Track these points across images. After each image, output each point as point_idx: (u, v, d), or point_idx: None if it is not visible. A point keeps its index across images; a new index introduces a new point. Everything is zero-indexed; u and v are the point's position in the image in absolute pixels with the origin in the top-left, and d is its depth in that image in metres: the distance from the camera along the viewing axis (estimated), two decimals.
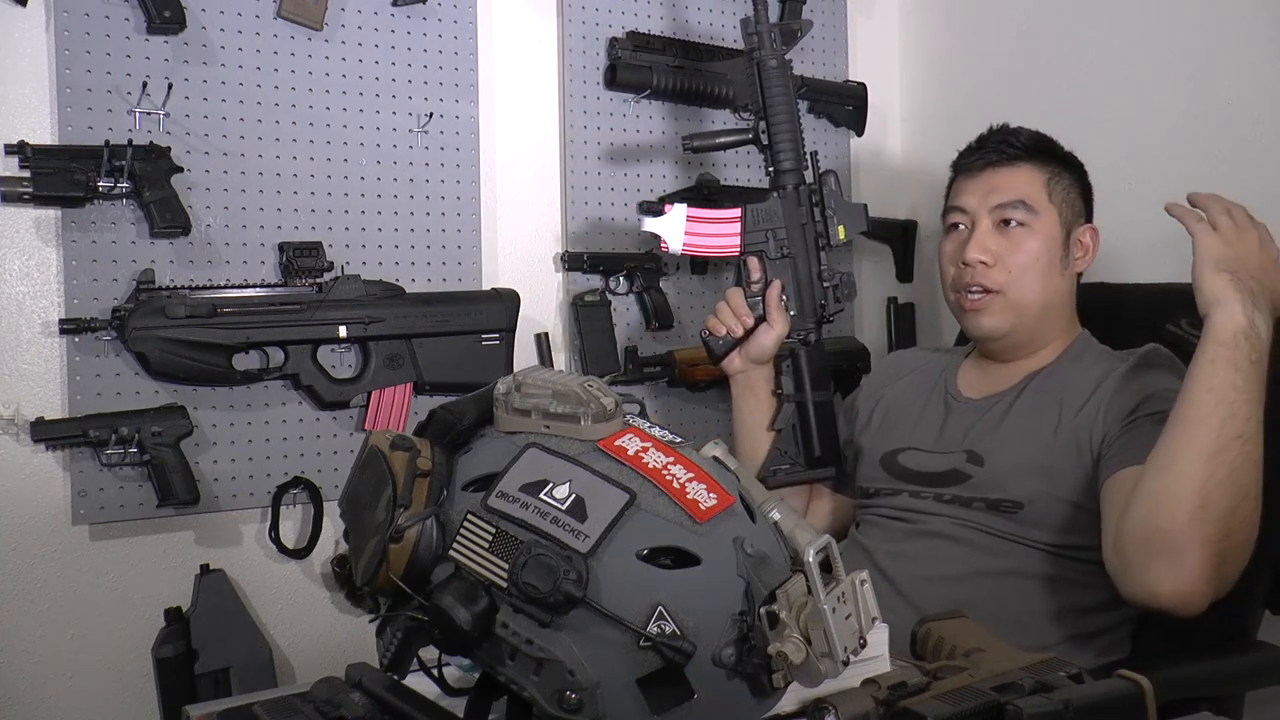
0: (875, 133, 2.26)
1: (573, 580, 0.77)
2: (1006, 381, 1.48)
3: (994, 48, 2.15)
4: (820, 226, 1.57)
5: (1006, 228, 1.45)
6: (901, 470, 1.49)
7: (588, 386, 0.87)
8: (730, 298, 1.56)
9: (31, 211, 1.54)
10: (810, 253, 1.58)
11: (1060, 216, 1.46)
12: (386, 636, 0.87)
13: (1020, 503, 1.35)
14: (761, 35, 1.60)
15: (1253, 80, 1.71)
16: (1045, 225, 1.45)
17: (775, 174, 1.59)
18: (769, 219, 1.56)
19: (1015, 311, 1.44)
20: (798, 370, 1.58)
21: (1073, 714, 0.78)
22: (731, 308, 1.55)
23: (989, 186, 1.47)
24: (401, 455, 0.88)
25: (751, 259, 1.56)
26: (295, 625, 1.75)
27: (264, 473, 1.69)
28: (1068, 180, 1.48)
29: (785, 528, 0.88)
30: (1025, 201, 1.44)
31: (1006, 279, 1.43)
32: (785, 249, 1.56)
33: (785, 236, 1.56)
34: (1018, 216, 1.44)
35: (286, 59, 1.71)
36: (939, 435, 1.49)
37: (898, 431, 1.54)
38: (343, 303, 1.68)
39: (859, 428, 1.63)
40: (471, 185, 1.86)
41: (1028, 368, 1.48)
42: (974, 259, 1.44)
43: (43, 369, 1.56)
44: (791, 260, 1.57)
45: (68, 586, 1.59)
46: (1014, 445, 1.40)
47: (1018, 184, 1.46)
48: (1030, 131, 1.51)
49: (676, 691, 0.80)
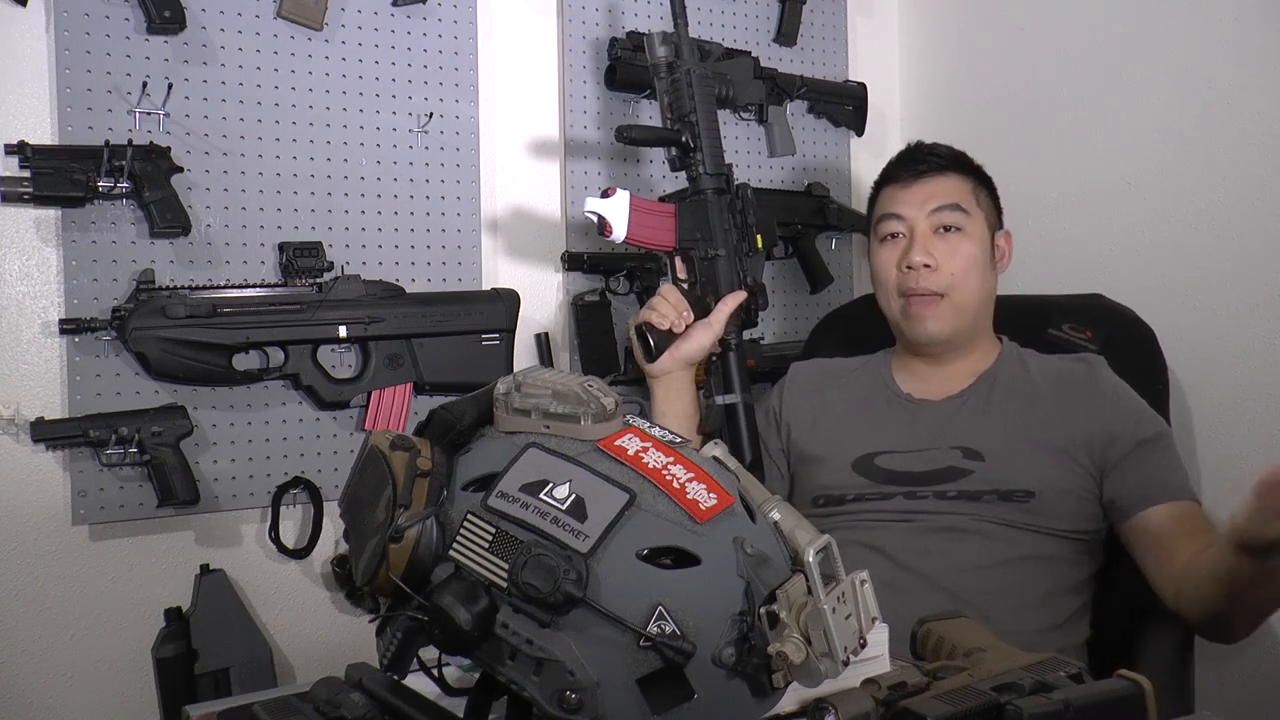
0: (875, 133, 2.26)
1: (573, 580, 0.77)
2: (958, 382, 1.55)
3: (994, 48, 2.15)
4: (739, 234, 1.59)
5: (945, 233, 1.53)
6: (883, 473, 1.50)
7: (588, 386, 0.87)
8: (669, 293, 1.54)
9: (31, 211, 1.54)
10: (734, 258, 1.58)
11: (986, 220, 1.56)
12: (386, 636, 0.87)
13: (1031, 492, 1.43)
14: (680, 45, 1.60)
15: (1255, 78, 1.71)
16: (977, 228, 1.54)
17: (699, 176, 1.58)
18: (698, 220, 1.57)
19: (958, 313, 1.52)
20: (728, 373, 1.57)
21: (1073, 714, 0.78)
22: (672, 303, 1.52)
23: (924, 195, 1.54)
24: (401, 455, 0.88)
25: (678, 259, 1.57)
26: (295, 625, 1.75)
27: (264, 473, 1.69)
28: (986, 189, 1.59)
29: (785, 528, 0.88)
30: (960, 204, 1.53)
31: (949, 281, 1.51)
32: (710, 251, 1.56)
33: (712, 238, 1.57)
34: (955, 220, 1.53)
35: (286, 59, 1.71)
36: (910, 436, 1.52)
37: (859, 437, 1.55)
38: (343, 303, 1.68)
39: (797, 436, 1.62)
40: (471, 185, 1.86)
41: (971, 369, 1.56)
42: (919, 263, 1.51)
43: (43, 369, 1.56)
44: (717, 262, 1.57)
45: (68, 586, 1.58)
46: (1014, 439, 1.46)
47: (950, 190, 1.55)
48: (945, 146, 1.61)
49: (676, 691, 0.80)
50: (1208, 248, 1.77)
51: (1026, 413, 1.49)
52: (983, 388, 1.54)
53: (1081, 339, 1.64)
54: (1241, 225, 1.73)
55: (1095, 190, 1.94)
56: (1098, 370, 1.52)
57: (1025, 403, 1.50)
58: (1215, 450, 1.72)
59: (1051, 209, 1.98)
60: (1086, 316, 1.68)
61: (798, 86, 2.13)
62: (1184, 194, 1.80)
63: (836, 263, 2.21)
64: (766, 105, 2.09)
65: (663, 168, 2.00)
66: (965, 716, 0.78)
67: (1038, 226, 1.97)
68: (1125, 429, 1.44)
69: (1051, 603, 1.42)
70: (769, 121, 2.10)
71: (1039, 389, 1.51)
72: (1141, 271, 1.84)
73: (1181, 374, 1.73)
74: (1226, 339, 1.73)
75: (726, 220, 1.58)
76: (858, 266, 2.24)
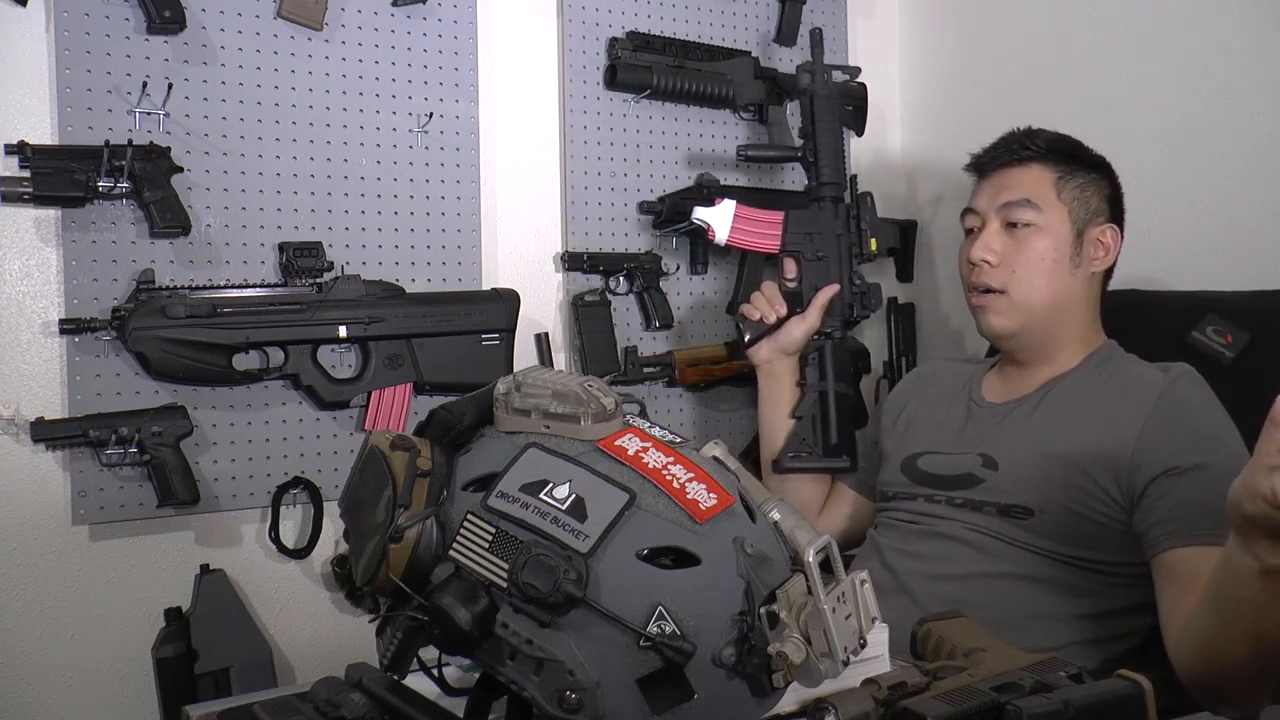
0: (875, 133, 2.26)
1: (573, 580, 0.77)
2: (1027, 387, 1.48)
3: (994, 47, 2.15)
4: (855, 238, 1.74)
5: (1014, 229, 1.46)
6: (919, 474, 1.50)
7: (588, 386, 0.87)
8: (766, 289, 1.71)
9: (31, 211, 1.54)
10: (844, 261, 1.73)
11: (1071, 215, 1.46)
12: (386, 636, 0.87)
13: (1031, 510, 1.36)
14: (815, 73, 1.80)
15: (1264, 76, 1.71)
16: (1053, 224, 1.45)
17: (817, 186, 1.76)
18: (809, 224, 1.73)
19: (1021, 311, 1.45)
20: (823, 363, 1.70)
21: (1073, 714, 0.78)
22: (766, 297, 1.69)
23: (997, 187, 1.49)
24: (401, 455, 0.88)
25: (788, 259, 1.72)
26: (295, 625, 1.75)
27: (264, 473, 1.69)
28: (1083, 179, 1.48)
29: (785, 528, 0.88)
30: (1030, 200, 1.45)
31: (1010, 278, 1.45)
32: (820, 253, 1.71)
33: (822, 243, 1.72)
34: (1024, 216, 1.45)
35: (286, 59, 1.71)
36: (957, 438, 1.50)
37: (920, 436, 1.55)
38: (343, 303, 1.68)
39: (884, 433, 1.64)
40: (471, 185, 1.86)
41: (1048, 373, 1.48)
42: (978, 258, 1.47)
43: (43, 369, 1.56)
44: (825, 264, 1.72)
45: (68, 586, 1.58)
46: (1031, 452, 1.39)
47: (1024, 183, 1.47)
48: (1051, 133, 1.51)
49: (676, 691, 0.80)
50: None
51: (1056, 425, 1.40)
52: (1039, 395, 1.45)
53: (1220, 344, 1.47)
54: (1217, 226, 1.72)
55: None
56: (1169, 384, 1.35)
57: (1071, 417, 1.40)
58: None
59: None
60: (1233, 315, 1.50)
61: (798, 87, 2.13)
62: (1189, 195, 1.80)
63: None
64: (766, 105, 2.09)
65: (664, 168, 2.01)
66: (965, 716, 0.78)
67: None
68: (1158, 453, 1.29)
69: (1030, 627, 1.30)
70: (769, 122, 2.10)
71: (1090, 400, 1.40)
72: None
73: None
74: None
75: (839, 226, 1.74)
76: None
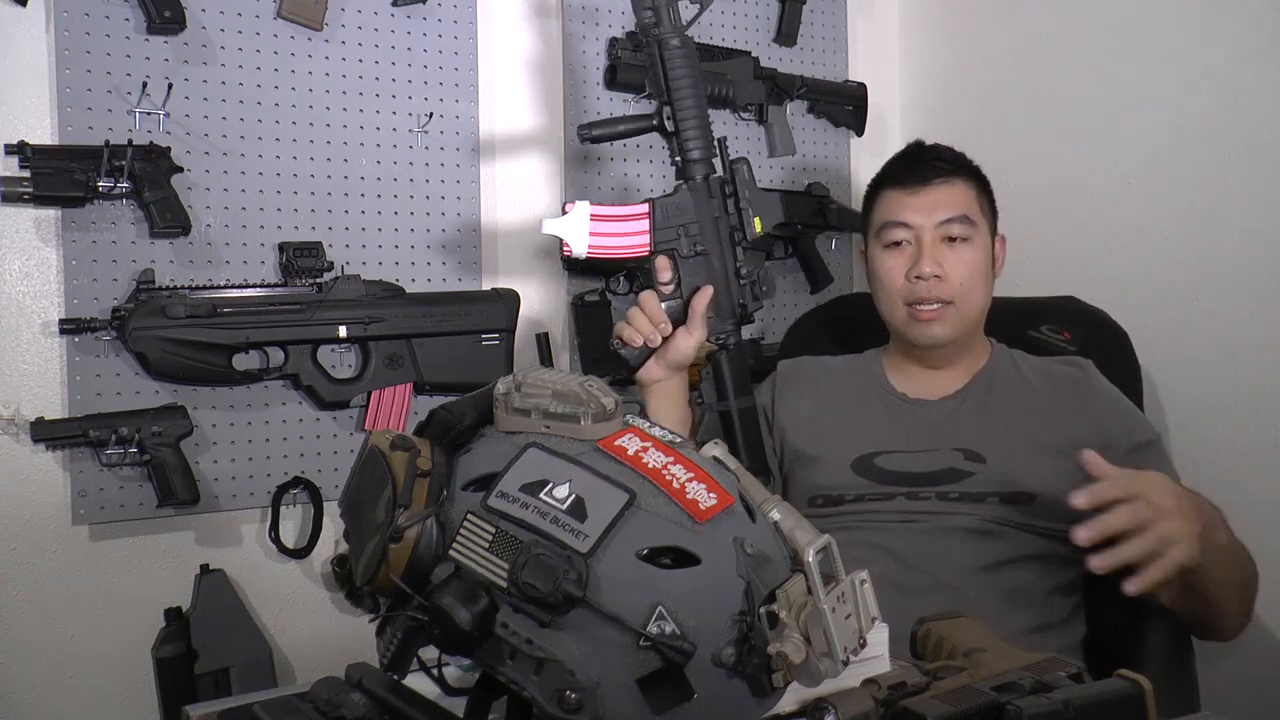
0: (875, 133, 2.26)
1: (573, 580, 0.77)
2: (953, 383, 1.55)
3: (994, 48, 2.15)
4: (735, 220, 1.41)
5: (952, 243, 1.51)
6: (885, 474, 1.50)
7: (588, 386, 0.87)
8: (645, 304, 1.40)
9: (31, 211, 1.54)
10: (725, 249, 1.41)
11: (989, 228, 1.56)
12: (386, 636, 0.87)
13: (1033, 494, 1.43)
14: (659, 9, 1.39)
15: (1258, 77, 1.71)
16: (981, 237, 1.54)
17: (683, 164, 1.41)
18: (679, 213, 1.39)
19: (963, 320, 1.52)
20: (719, 377, 1.44)
21: (1073, 714, 0.78)
22: (648, 314, 1.39)
23: (932, 203, 1.52)
24: (401, 455, 0.87)
25: (660, 258, 1.40)
26: (295, 625, 1.75)
27: (264, 473, 1.69)
28: (988, 194, 1.58)
29: (785, 528, 0.88)
30: (968, 215, 1.52)
31: (957, 290, 1.50)
32: (698, 246, 1.39)
33: (698, 232, 1.39)
34: (963, 232, 1.51)
35: (286, 59, 1.71)
36: (909, 437, 1.52)
37: (857, 436, 1.54)
38: (343, 303, 1.68)
39: (792, 435, 1.60)
40: (471, 185, 1.86)
41: (966, 369, 1.56)
42: (929, 274, 1.50)
43: (43, 369, 1.56)
44: (706, 258, 1.40)
45: (68, 586, 1.59)
46: (1014, 442, 1.47)
47: (957, 199, 1.53)
48: (948, 148, 1.59)
49: (676, 691, 0.80)
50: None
51: (1025, 414, 1.50)
52: (979, 388, 1.54)
53: (1061, 340, 1.66)
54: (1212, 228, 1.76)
55: (1087, 191, 1.95)
56: (1091, 375, 1.53)
57: (1022, 404, 1.51)
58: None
59: (1040, 210, 1.97)
60: (1062, 318, 1.69)
61: (798, 86, 2.13)
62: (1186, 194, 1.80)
63: (836, 263, 2.22)
64: (766, 105, 2.09)
65: (664, 168, 2.01)
66: (965, 716, 0.78)
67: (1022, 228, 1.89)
68: (1120, 434, 1.45)
69: (1052, 601, 1.43)
70: (769, 122, 2.10)
71: (1035, 390, 1.52)
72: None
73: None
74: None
75: (716, 207, 1.40)
76: (858, 267, 2.23)
